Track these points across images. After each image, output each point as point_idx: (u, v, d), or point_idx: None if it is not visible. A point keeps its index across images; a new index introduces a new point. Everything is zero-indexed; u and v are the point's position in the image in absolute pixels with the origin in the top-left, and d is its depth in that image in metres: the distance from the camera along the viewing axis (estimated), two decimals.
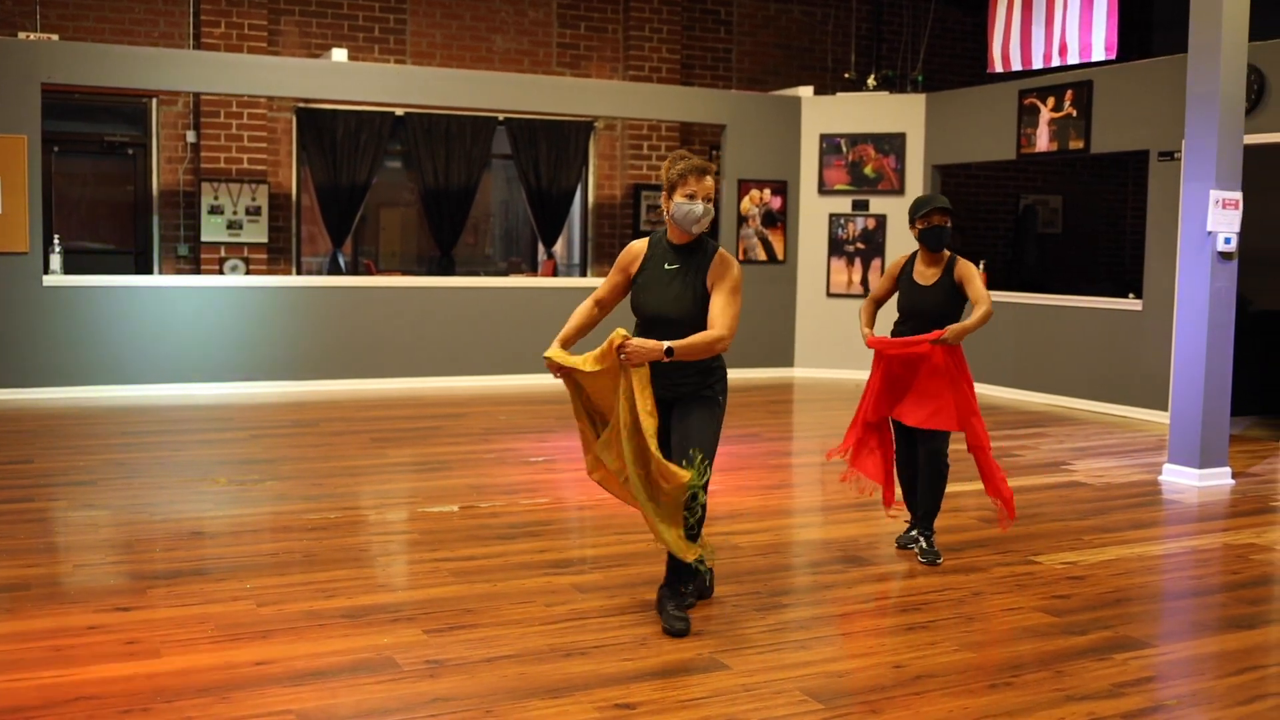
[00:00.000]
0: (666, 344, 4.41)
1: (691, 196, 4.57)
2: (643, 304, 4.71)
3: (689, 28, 14.63)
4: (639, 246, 4.78)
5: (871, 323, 5.89)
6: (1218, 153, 7.48)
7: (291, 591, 5.05)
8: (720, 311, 4.54)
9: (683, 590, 4.73)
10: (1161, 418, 9.92)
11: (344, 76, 11.41)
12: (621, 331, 4.43)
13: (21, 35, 10.68)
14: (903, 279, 5.85)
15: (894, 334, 5.82)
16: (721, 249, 4.69)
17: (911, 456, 5.89)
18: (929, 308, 5.72)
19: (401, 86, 11.73)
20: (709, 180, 4.60)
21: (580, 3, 14.05)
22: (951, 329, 5.60)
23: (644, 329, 4.67)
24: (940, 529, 6.45)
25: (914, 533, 5.89)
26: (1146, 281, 10.44)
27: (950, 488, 7.48)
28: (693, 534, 4.52)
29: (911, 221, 5.76)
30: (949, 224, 5.71)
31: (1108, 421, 10.26)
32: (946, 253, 5.78)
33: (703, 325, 4.55)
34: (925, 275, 5.76)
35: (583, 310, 4.86)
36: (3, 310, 10.15)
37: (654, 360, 4.41)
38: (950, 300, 5.73)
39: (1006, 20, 10.98)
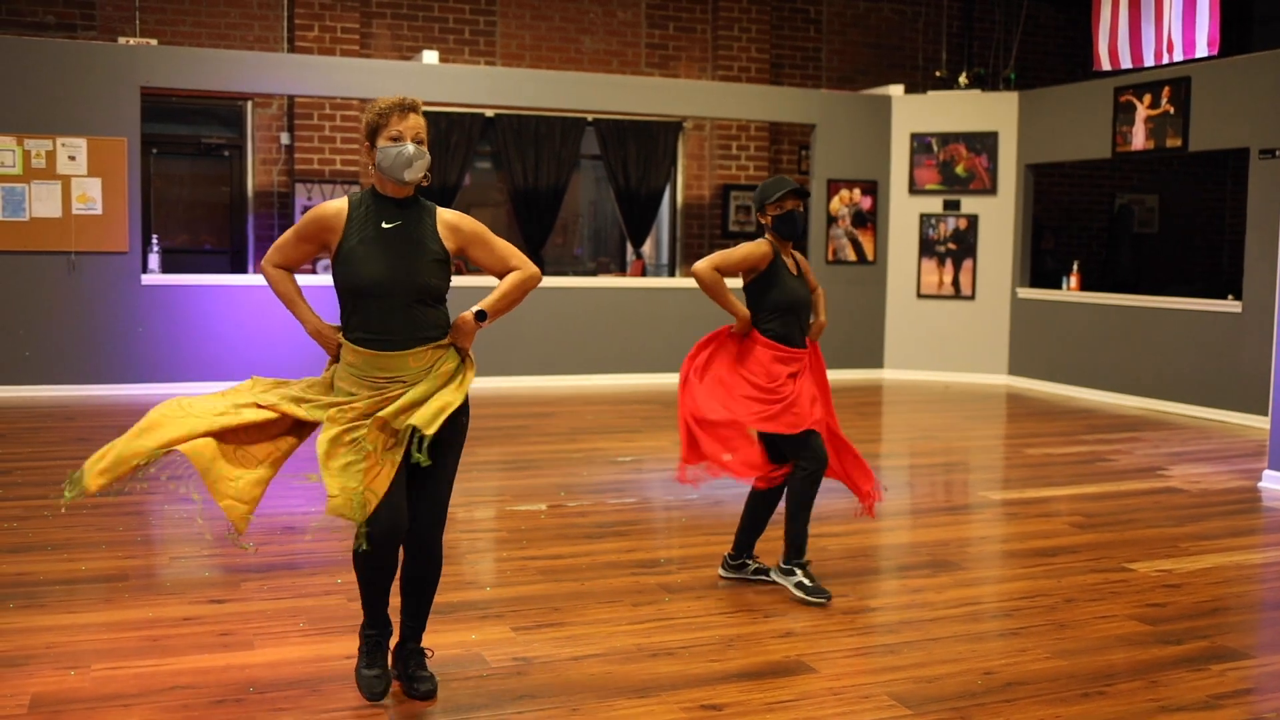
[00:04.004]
0: (476, 308, 3.85)
1: (397, 138, 3.81)
2: (355, 274, 3.79)
3: (778, 27, 14.57)
4: (333, 209, 3.85)
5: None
6: None
7: None
8: (504, 254, 3.95)
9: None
10: (1261, 422, 9.68)
11: (435, 78, 11.53)
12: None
13: (121, 40, 10.94)
14: (779, 270, 5.16)
15: (773, 335, 5.13)
16: (439, 208, 3.94)
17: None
18: (805, 299, 5.26)
19: (491, 88, 11.82)
20: (414, 118, 3.83)
21: (669, 3, 14.06)
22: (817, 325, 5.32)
23: (351, 305, 3.88)
24: (1032, 534, 6.36)
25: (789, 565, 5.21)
26: (1246, 283, 10.20)
27: (1040, 492, 7.40)
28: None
29: (761, 208, 5.17)
30: (801, 209, 5.19)
31: (1205, 426, 10.03)
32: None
33: (436, 296, 3.84)
34: (790, 265, 5.24)
35: (287, 277, 4.07)
36: (103, 308, 10.41)
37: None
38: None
39: (1113, 18, 10.79)
